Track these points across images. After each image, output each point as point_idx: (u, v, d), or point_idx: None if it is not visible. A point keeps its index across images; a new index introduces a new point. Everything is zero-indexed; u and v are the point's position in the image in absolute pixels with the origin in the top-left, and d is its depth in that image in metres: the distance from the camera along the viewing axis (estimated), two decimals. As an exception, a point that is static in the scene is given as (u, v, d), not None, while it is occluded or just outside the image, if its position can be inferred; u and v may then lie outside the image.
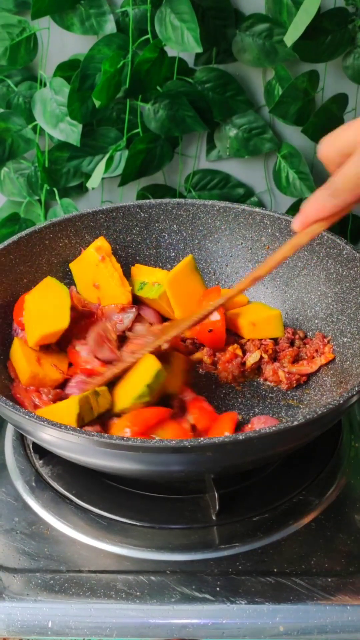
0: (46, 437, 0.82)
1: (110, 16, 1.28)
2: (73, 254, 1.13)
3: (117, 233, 1.15)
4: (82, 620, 0.79)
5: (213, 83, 1.33)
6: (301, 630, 0.79)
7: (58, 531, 0.88)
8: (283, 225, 1.11)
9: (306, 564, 0.83)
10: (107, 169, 1.31)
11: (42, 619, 0.80)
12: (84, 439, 0.77)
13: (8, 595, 0.81)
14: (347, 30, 1.27)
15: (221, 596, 0.80)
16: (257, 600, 0.80)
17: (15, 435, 1.01)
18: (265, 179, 1.44)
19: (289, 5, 1.25)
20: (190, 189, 1.42)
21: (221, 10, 1.28)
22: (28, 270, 1.08)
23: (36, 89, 1.34)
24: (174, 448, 0.76)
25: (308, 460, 0.96)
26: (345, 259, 1.04)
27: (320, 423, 0.82)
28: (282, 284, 1.12)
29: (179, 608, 0.79)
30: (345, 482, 0.94)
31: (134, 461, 0.79)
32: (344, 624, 0.79)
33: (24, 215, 1.44)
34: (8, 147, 1.37)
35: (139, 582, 0.81)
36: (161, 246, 1.17)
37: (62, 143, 1.35)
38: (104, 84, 1.24)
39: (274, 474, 0.94)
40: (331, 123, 1.34)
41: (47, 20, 1.29)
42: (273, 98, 1.32)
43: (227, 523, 0.88)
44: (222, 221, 1.15)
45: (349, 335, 1.01)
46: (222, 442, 0.76)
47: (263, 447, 0.80)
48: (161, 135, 1.34)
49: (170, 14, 1.22)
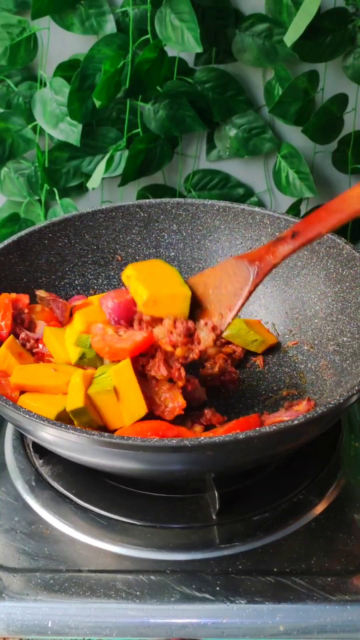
0: (46, 436, 0.82)
1: (110, 16, 1.28)
2: (73, 254, 1.13)
3: (116, 233, 1.15)
4: (82, 620, 0.79)
5: (213, 83, 1.33)
6: (301, 630, 0.79)
7: (58, 531, 0.87)
8: (283, 225, 1.11)
9: (306, 563, 0.83)
10: (107, 169, 1.31)
11: (42, 619, 0.79)
12: (84, 438, 0.77)
13: (8, 595, 0.81)
14: (347, 30, 1.27)
15: (221, 596, 0.80)
16: (257, 600, 0.80)
17: (15, 434, 1.01)
18: (265, 179, 1.44)
19: (289, 5, 1.25)
20: (190, 189, 1.42)
21: (221, 10, 1.28)
22: (27, 270, 1.09)
23: (36, 89, 1.34)
24: (174, 447, 0.76)
25: (308, 460, 0.96)
26: (345, 258, 1.04)
27: (320, 423, 0.82)
28: (282, 283, 1.12)
29: (179, 608, 0.79)
30: (345, 482, 0.93)
31: (134, 460, 0.79)
32: (344, 623, 0.79)
33: (24, 215, 1.44)
34: (8, 147, 1.37)
35: (138, 581, 0.81)
36: (161, 246, 1.17)
37: (62, 143, 1.35)
38: (104, 84, 1.24)
39: (274, 474, 0.94)
40: (331, 123, 1.34)
41: (47, 20, 1.29)
42: (273, 98, 1.32)
43: (227, 522, 0.88)
44: (222, 221, 1.15)
45: (348, 335, 1.01)
46: (223, 442, 0.76)
47: (263, 447, 0.80)
48: (161, 135, 1.34)
49: (170, 14, 1.22)
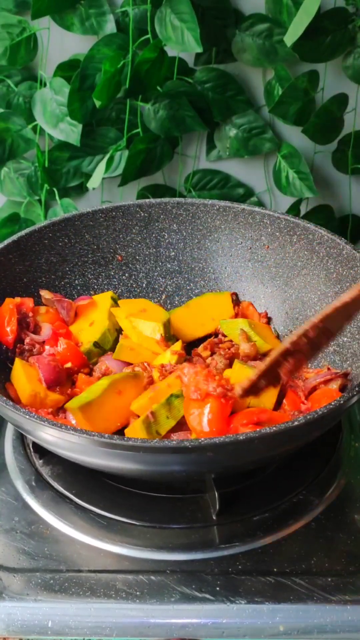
0: (46, 437, 0.82)
1: (110, 16, 1.28)
2: (72, 254, 1.13)
3: (116, 232, 1.15)
4: (82, 620, 0.79)
5: (213, 83, 1.33)
6: (301, 630, 0.79)
7: (58, 531, 0.87)
8: (283, 224, 1.11)
9: (306, 563, 0.83)
10: (107, 169, 1.31)
11: (42, 619, 0.79)
12: (85, 439, 0.77)
13: (8, 595, 0.81)
14: (347, 30, 1.27)
15: (221, 596, 0.80)
16: (257, 600, 0.80)
17: (15, 434, 1.01)
18: (265, 179, 1.44)
19: (289, 5, 1.25)
20: (190, 189, 1.42)
21: (221, 10, 1.28)
22: (27, 270, 1.09)
23: (36, 89, 1.34)
24: (174, 448, 0.76)
25: (308, 460, 0.96)
26: (345, 258, 1.03)
27: (320, 423, 0.82)
28: (282, 283, 1.12)
29: (179, 608, 0.79)
30: (345, 482, 0.93)
31: (135, 461, 0.79)
32: (344, 624, 0.79)
33: (24, 215, 1.44)
34: (8, 147, 1.37)
35: (138, 581, 0.81)
36: (161, 245, 1.17)
37: (62, 143, 1.35)
38: (104, 84, 1.24)
39: (274, 474, 0.94)
40: (331, 123, 1.34)
41: (47, 20, 1.29)
42: (273, 98, 1.32)
43: (227, 523, 0.87)
44: (222, 220, 1.15)
45: (349, 335, 1.01)
46: (223, 442, 0.76)
47: (263, 447, 0.80)
48: (161, 135, 1.34)
49: (170, 14, 1.22)
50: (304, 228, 1.08)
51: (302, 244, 1.09)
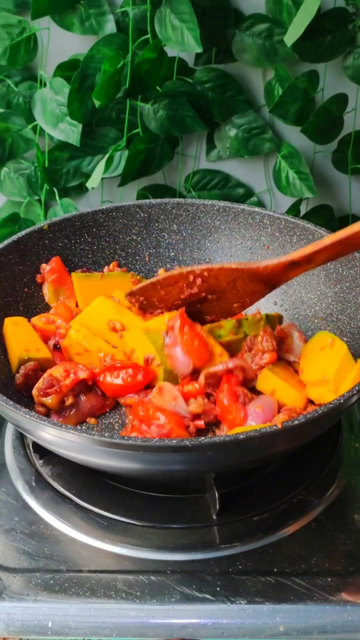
0: (46, 436, 0.82)
1: (110, 16, 1.28)
2: (73, 254, 1.13)
3: (116, 233, 1.15)
4: (82, 620, 0.79)
5: (213, 83, 1.33)
6: (301, 630, 0.79)
7: (58, 531, 0.87)
8: (283, 225, 1.11)
9: (306, 564, 0.83)
10: (107, 169, 1.31)
11: (42, 619, 0.79)
12: (84, 438, 0.77)
13: (8, 595, 0.81)
14: (347, 30, 1.27)
15: (221, 596, 0.80)
16: (257, 600, 0.79)
17: (15, 434, 1.01)
18: (265, 179, 1.44)
19: (289, 5, 1.25)
20: (190, 189, 1.42)
21: (221, 10, 1.28)
22: (28, 270, 1.09)
23: (36, 89, 1.34)
24: (175, 447, 0.76)
25: (308, 460, 0.96)
26: (345, 258, 1.03)
27: (320, 423, 0.82)
28: (282, 283, 1.12)
29: (179, 608, 0.79)
30: (345, 482, 0.93)
31: (135, 460, 0.79)
32: (344, 624, 0.79)
33: (24, 215, 1.44)
34: (8, 147, 1.37)
35: (139, 582, 0.81)
36: (161, 246, 1.17)
37: (62, 143, 1.35)
38: (104, 84, 1.24)
39: (274, 474, 0.94)
40: (331, 123, 1.34)
41: (47, 20, 1.29)
42: (273, 98, 1.32)
43: (227, 523, 0.87)
44: (222, 221, 1.15)
45: (349, 335, 1.01)
46: (223, 442, 0.76)
47: (263, 447, 0.80)
48: (161, 135, 1.34)
49: (170, 14, 1.22)
50: (304, 228, 1.08)
51: (302, 244, 1.09)
